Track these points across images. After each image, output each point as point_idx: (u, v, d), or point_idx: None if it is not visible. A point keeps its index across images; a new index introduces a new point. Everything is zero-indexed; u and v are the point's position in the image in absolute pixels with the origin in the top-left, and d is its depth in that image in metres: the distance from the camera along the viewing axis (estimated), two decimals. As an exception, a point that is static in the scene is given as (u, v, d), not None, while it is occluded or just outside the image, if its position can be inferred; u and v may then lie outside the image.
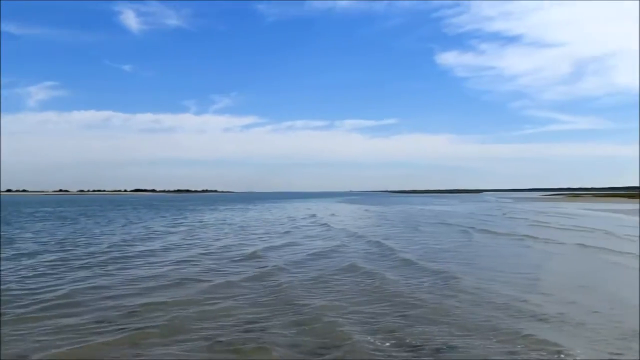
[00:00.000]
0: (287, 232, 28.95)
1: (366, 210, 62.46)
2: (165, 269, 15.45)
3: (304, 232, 29.32)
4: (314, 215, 47.99)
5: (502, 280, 13.18)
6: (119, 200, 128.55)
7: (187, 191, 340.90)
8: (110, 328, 8.78)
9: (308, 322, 9.12)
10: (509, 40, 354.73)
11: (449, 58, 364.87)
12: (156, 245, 22.08)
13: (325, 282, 13.13)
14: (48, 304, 10.57)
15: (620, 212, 49.65)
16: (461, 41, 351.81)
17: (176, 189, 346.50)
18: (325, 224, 35.42)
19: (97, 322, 9.20)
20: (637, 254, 17.96)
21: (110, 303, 10.69)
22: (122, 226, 34.08)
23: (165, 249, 20.59)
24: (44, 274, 14.28)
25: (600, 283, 13.01)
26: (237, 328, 8.81)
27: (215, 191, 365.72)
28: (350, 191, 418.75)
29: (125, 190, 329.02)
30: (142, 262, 16.82)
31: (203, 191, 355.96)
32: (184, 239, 25.10)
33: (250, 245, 21.68)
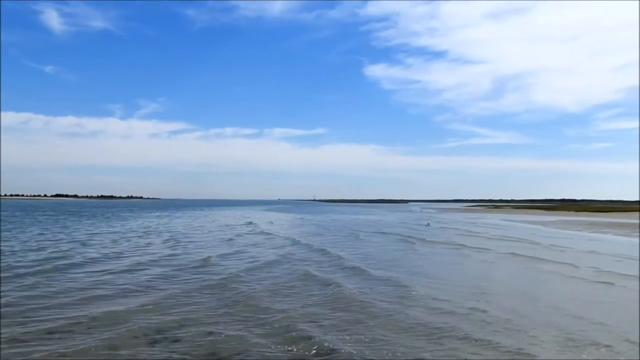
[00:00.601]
0: (230, 240, 28.69)
1: (301, 218, 62.99)
2: (120, 278, 14.96)
3: (247, 239, 29.20)
4: (251, 223, 47.72)
5: (448, 288, 13.89)
6: (36, 205, 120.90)
7: (112, 197, 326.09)
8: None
9: (278, 331, 9.25)
10: (435, 55, 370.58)
11: (376, 70, 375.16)
12: (95, 254, 21.20)
13: (288, 290, 13.27)
14: None
15: (539, 223, 53.13)
16: (388, 55, 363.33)
17: (100, 194, 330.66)
18: (265, 231, 35.37)
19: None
20: (562, 262, 19.49)
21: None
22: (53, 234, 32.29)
23: (111, 257, 19.85)
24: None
25: (536, 290, 14.04)
26: (198, 337, 8.79)
27: (141, 197, 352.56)
28: (279, 199, 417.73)
29: (45, 195, 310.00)
30: (98, 270, 16.16)
31: (128, 197, 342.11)
32: (125, 247, 24.24)
33: (197, 254, 21.33)
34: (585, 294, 13.47)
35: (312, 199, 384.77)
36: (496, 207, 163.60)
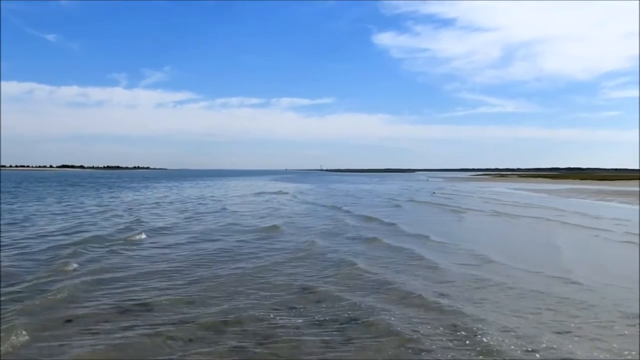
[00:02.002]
0: (274, 209, 29.66)
1: (332, 189, 62.31)
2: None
3: (291, 207, 30.81)
4: (281, 192, 50.33)
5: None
6: (46, 177, 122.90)
7: (118, 167, 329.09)
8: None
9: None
10: (443, 23, 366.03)
11: (385, 39, 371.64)
12: (162, 223, 22.83)
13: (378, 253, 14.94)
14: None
15: (544, 191, 54.41)
16: (397, 22, 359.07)
17: (105, 165, 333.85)
18: (306, 200, 37.64)
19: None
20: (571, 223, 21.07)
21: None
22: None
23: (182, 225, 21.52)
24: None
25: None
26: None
27: (148, 168, 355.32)
28: (286, 169, 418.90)
29: (51, 166, 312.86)
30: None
31: (134, 168, 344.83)
32: (185, 216, 25.75)
33: (261, 221, 22.40)
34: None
35: (319, 168, 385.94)
36: (502, 176, 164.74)
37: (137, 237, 16.51)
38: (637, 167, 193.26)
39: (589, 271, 11.44)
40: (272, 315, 7.83)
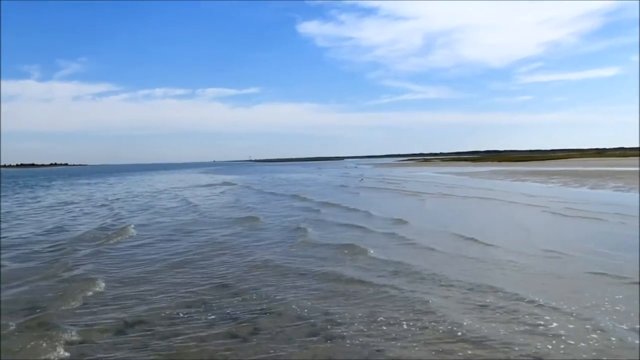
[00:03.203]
0: (236, 200, 30.46)
1: (277, 178, 63.39)
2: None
3: (250, 198, 31.40)
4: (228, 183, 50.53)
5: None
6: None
7: (32, 165, 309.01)
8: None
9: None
10: (366, 11, 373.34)
11: (310, 27, 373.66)
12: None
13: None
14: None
15: (465, 174, 58.26)
16: (321, 11, 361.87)
17: (19, 163, 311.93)
18: (262, 190, 38.35)
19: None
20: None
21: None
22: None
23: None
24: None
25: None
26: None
27: (66, 164, 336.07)
28: (214, 161, 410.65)
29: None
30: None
31: (51, 165, 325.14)
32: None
33: (240, 212, 23.40)
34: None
35: (248, 159, 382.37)
36: (426, 160, 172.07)
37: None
38: (549, 148, 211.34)
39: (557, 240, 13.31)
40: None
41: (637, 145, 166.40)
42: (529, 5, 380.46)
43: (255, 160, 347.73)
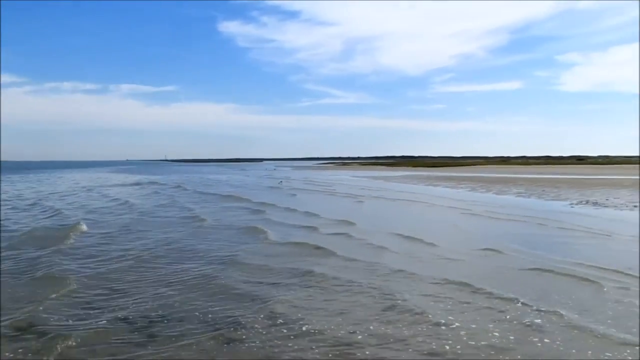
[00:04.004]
0: (172, 200, 30.35)
1: (205, 179, 63.34)
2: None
3: (185, 198, 31.25)
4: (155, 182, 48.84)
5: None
6: None
7: None
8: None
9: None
10: (288, 15, 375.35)
11: (231, 27, 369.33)
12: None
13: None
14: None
15: (380, 178, 61.24)
16: (243, 12, 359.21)
17: None
18: (196, 190, 37.57)
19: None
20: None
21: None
22: None
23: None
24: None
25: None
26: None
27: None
28: (127, 160, 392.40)
29: None
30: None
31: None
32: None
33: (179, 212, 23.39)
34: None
35: (164, 159, 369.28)
36: (345, 164, 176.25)
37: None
38: (459, 155, 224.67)
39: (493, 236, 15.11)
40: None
41: (539, 155, 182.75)
42: (442, 18, 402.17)
43: (172, 160, 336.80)
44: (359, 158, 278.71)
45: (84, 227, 17.10)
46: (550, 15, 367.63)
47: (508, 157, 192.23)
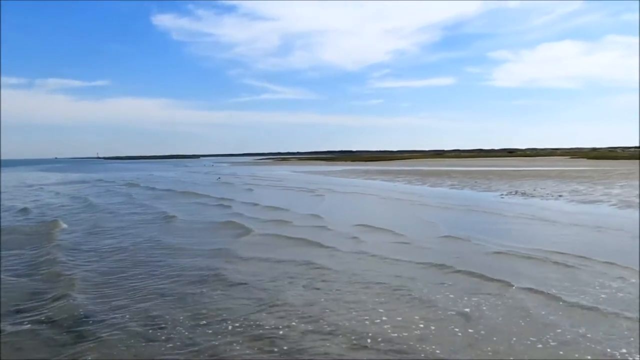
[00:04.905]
0: (129, 198, 30.29)
1: (153, 176, 62.26)
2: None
3: (143, 195, 31.24)
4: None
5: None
6: None
7: None
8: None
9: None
10: (225, 9, 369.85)
11: (165, 20, 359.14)
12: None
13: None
14: None
15: (320, 173, 63.08)
16: (177, 5, 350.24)
17: None
18: (153, 187, 37.24)
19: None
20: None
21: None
22: None
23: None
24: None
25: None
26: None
27: None
28: (56, 158, 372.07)
29: None
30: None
31: None
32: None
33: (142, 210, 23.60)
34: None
35: (96, 156, 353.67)
36: (284, 159, 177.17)
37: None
38: (396, 149, 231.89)
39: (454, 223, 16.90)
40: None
41: (472, 148, 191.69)
42: (377, 15, 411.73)
43: (104, 158, 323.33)
44: (297, 153, 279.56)
45: (64, 225, 17.43)
46: (480, 13, 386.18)
47: (442, 151, 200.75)
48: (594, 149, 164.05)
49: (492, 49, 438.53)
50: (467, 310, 8.10)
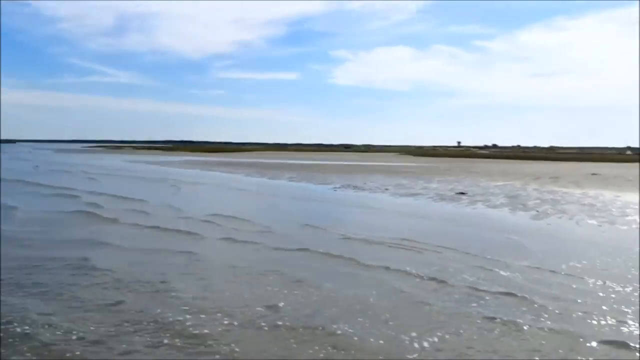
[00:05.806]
0: None
1: None
2: None
3: None
4: None
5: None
6: None
7: None
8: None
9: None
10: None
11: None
12: None
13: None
14: None
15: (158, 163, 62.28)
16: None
17: None
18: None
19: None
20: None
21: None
22: None
23: None
24: None
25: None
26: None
27: None
28: None
29: None
30: None
31: None
32: None
33: None
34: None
35: None
36: (118, 147, 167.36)
37: None
38: (240, 141, 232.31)
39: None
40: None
41: (313, 142, 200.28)
42: (222, 3, 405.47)
43: None
44: (133, 142, 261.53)
45: None
46: (323, 12, 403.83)
47: (285, 144, 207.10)
48: (420, 147, 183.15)
49: (333, 48, 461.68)
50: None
